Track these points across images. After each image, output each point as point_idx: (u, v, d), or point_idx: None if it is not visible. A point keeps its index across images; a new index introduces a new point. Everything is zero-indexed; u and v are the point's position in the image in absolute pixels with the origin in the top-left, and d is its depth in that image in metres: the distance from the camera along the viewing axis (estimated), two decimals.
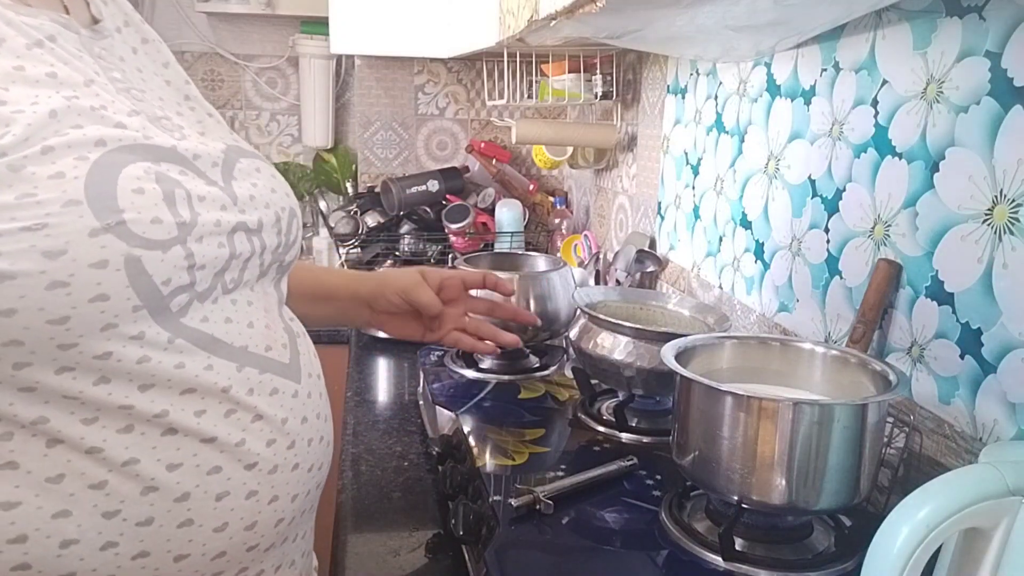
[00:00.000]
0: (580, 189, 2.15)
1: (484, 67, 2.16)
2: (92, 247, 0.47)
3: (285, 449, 0.60)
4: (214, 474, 0.56)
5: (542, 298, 1.30)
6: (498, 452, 0.98)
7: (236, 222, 0.58)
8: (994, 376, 0.76)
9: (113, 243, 0.48)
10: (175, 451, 0.54)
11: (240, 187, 0.60)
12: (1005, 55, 0.75)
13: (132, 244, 0.49)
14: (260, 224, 0.61)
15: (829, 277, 1.03)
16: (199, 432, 0.55)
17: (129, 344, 0.51)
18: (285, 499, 0.60)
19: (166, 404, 0.53)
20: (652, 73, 1.62)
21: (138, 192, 0.50)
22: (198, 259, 0.54)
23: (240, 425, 0.57)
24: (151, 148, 0.53)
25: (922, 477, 0.73)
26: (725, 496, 0.77)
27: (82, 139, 0.49)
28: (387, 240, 2.03)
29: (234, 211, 0.58)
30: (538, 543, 0.79)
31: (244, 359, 0.58)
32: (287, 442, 0.60)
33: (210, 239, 0.55)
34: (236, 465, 0.57)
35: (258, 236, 0.61)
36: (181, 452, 0.54)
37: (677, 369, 0.79)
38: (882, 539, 0.56)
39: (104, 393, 0.51)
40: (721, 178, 1.33)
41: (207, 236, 0.55)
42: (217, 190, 0.57)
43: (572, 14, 0.88)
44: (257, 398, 0.58)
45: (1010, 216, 0.74)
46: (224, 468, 0.56)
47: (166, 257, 0.51)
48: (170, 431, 0.54)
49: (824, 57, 1.04)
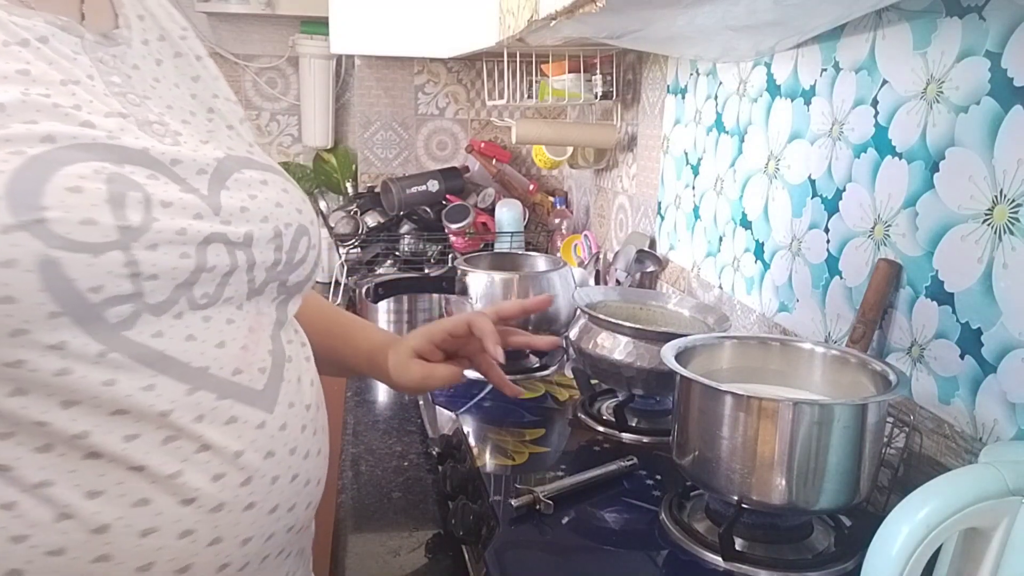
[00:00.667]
0: (580, 189, 2.15)
1: (484, 67, 2.16)
2: (1, 245, 0.44)
3: (237, 486, 0.55)
4: (140, 507, 0.51)
5: None
6: (498, 452, 0.98)
7: (211, 232, 0.54)
8: (994, 376, 0.76)
9: (26, 242, 0.45)
10: (97, 477, 0.49)
11: (230, 197, 0.57)
12: (1005, 55, 0.75)
13: (51, 245, 0.45)
14: (249, 238, 0.57)
15: (829, 277, 1.03)
16: (126, 459, 0.50)
17: (47, 354, 0.47)
18: (231, 542, 0.55)
19: (89, 424, 0.49)
20: (652, 73, 1.62)
21: (74, 191, 0.47)
22: (146, 268, 0.50)
23: (179, 455, 0.52)
24: (114, 148, 0.51)
25: (922, 477, 0.73)
26: (725, 496, 0.77)
27: (26, 134, 0.47)
28: (387, 240, 2.03)
29: (213, 221, 0.55)
30: (538, 543, 0.79)
31: (200, 381, 0.54)
32: (240, 478, 0.55)
33: (168, 248, 0.51)
34: (169, 499, 0.52)
35: (244, 250, 0.57)
36: (104, 479, 0.50)
37: (677, 369, 0.79)
38: (882, 539, 0.56)
39: (18, 406, 0.47)
40: (721, 178, 1.33)
41: (164, 244, 0.51)
42: (194, 197, 0.54)
43: (572, 14, 0.88)
44: (206, 426, 0.53)
45: (1010, 216, 0.74)
46: (153, 501, 0.51)
47: (96, 262, 0.47)
48: (92, 455, 0.49)
49: (824, 57, 1.04)
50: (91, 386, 0.49)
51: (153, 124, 0.57)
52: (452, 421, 1.09)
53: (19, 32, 0.52)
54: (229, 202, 0.57)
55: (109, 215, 0.48)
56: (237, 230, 0.56)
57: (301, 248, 0.63)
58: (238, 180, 0.59)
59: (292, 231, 0.62)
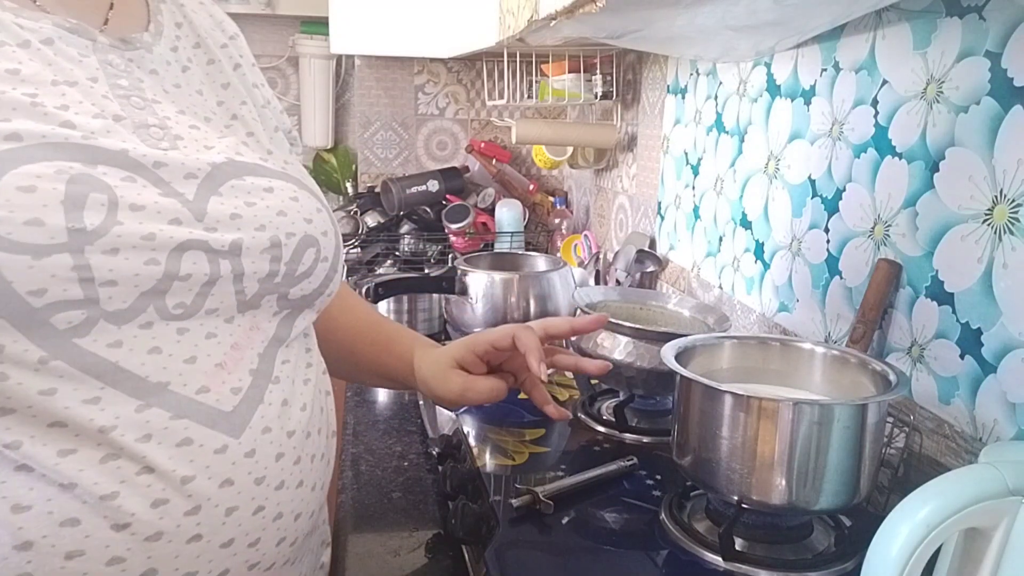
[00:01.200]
0: (580, 189, 2.15)
1: (484, 67, 2.16)
2: None
3: (181, 514, 0.50)
4: (68, 527, 0.48)
5: (542, 298, 1.30)
6: (498, 452, 0.98)
7: (187, 239, 0.51)
8: (994, 376, 0.76)
9: None
10: (26, 491, 0.47)
11: (220, 203, 0.54)
12: (1005, 55, 0.75)
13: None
14: (236, 246, 0.54)
15: (829, 277, 1.03)
16: (57, 474, 0.47)
17: None
18: (168, 574, 0.51)
19: (23, 434, 0.47)
20: (652, 73, 1.62)
21: (25, 190, 0.45)
22: (101, 272, 0.47)
23: (117, 475, 0.49)
24: (88, 148, 0.49)
25: (922, 477, 0.73)
26: (725, 496, 0.77)
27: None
28: (387, 240, 2.03)
29: (193, 227, 0.52)
30: (538, 543, 0.79)
31: (154, 398, 0.50)
32: (186, 506, 0.51)
33: (130, 253, 0.48)
34: (100, 522, 0.48)
35: (230, 259, 0.54)
36: (32, 493, 0.47)
37: (677, 369, 0.79)
38: (882, 539, 0.56)
39: None
40: (721, 178, 1.33)
41: (125, 249, 0.48)
42: (174, 202, 0.52)
43: (572, 14, 0.88)
44: (152, 446, 0.50)
45: (1010, 216, 0.74)
46: (83, 522, 0.48)
47: (38, 264, 0.45)
48: (24, 467, 0.47)
49: (824, 57, 1.04)
50: (27, 394, 0.47)
51: (151, 127, 0.55)
52: (452, 421, 1.09)
53: (22, 34, 0.52)
54: (218, 208, 0.54)
55: (59, 216, 0.46)
56: (222, 237, 0.53)
57: (306, 260, 0.59)
58: (235, 187, 0.56)
59: (295, 241, 0.58)
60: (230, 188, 0.56)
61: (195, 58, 0.65)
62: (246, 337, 0.56)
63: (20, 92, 0.49)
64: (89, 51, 0.55)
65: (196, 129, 0.58)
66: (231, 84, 0.66)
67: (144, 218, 0.50)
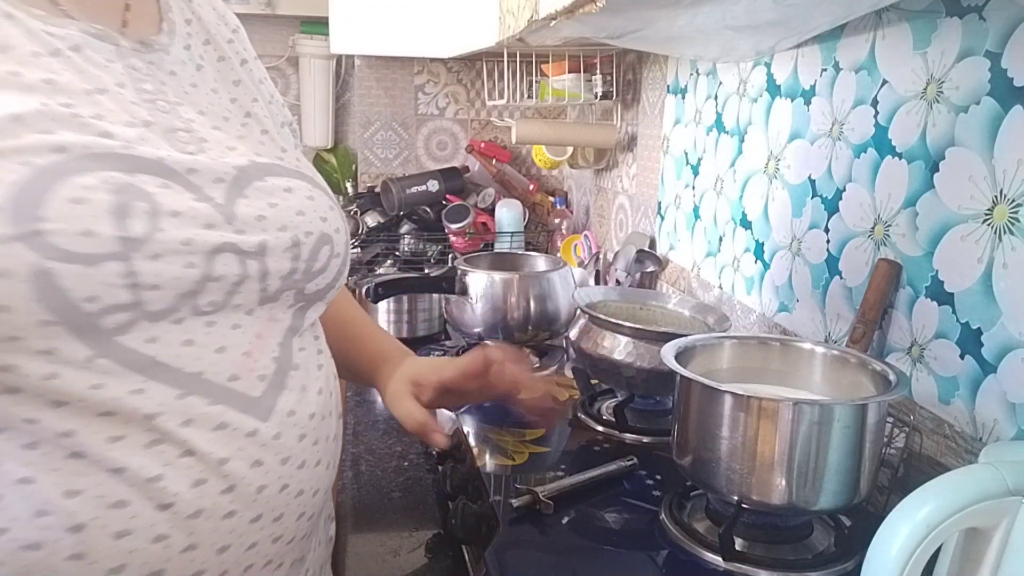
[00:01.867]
0: (580, 189, 2.15)
1: (484, 67, 2.16)
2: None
3: (218, 494, 0.54)
4: (117, 508, 0.51)
5: (542, 298, 1.30)
6: (498, 452, 0.98)
7: (221, 242, 0.54)
8: (994, 376, 0.76)
9: (21, 253, 0.46)
10: (78, 477, 0.50)
11: (247, 206, 0.57)
12: (1005, 55, 0.75)
13: (45, 256, 0.46)
14: (263, 247, 0.57)
15: (829, 277, 1.03)
16: (108, 460, 0.51)
17: (36, 358, 0.48)
18: (207, 549, 0.54)
19: (76, 424, 0.50)
20: (652, 73, 1.62)
21: (76, 202, 0.48)
22: (146, 278, 0.50)
23: (162, 459, 0.52)
24: (128, 158, 0.51)
25: (922, 477, 0.73)
26: (725, 496, 0.77)
27: (37, 144, 0.48)
28: (387, 240, 2.03)
29: (225, 230, 0.55)
30: (538, 543, 0.79)
31: (192, 386, 0.54)
32: (222, 486, 0.55)
33: (171, 258, 0.51)
34: (146, 503, 0.52)
35: (258, 259, 0.57)
36: (85, 479, 0.50)
37: (677, 369, 0.79)
38: (882, 539, 0.56)
39: (10, 403, 0.49)
40: (721, 178, 1.33)
41: (167, 254, 0.51)
42: (207, 207, 0.54)
43: (572, 14, 0.88)
44: (193, 431, 0.53)
45: (1010, 216, 0.74)
46: (131, 503, 0.51)
47: (91, 272, 0.48)
48: (76, 454, 0.50)
49: (824, 57, 1.04)
50: (78, 389, 0.49)
51: (178, 132, 0.57)
52: (452, 421, 1.09)
53: (52, 42, 0.52)
54: (245, 211, 0.57)
55: (110, 226, 0.49)
56: (250, 239, 0.56)
57: (322, 257, 0.62)
58: (259, 188, 0.59)
59: (312, 240, 0.61)
60: (255, 190, 0.58)
61: (206, 55, 0.65)
62: (267, 328, 0.59)
63: (58, 103, 0.50)
64: (114, 56, 0.56)
65: (217, 130, 0.60)
66: (241, 81, 0.68)
67: (182, 224, 0.52)
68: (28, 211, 0.46)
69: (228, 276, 0.55)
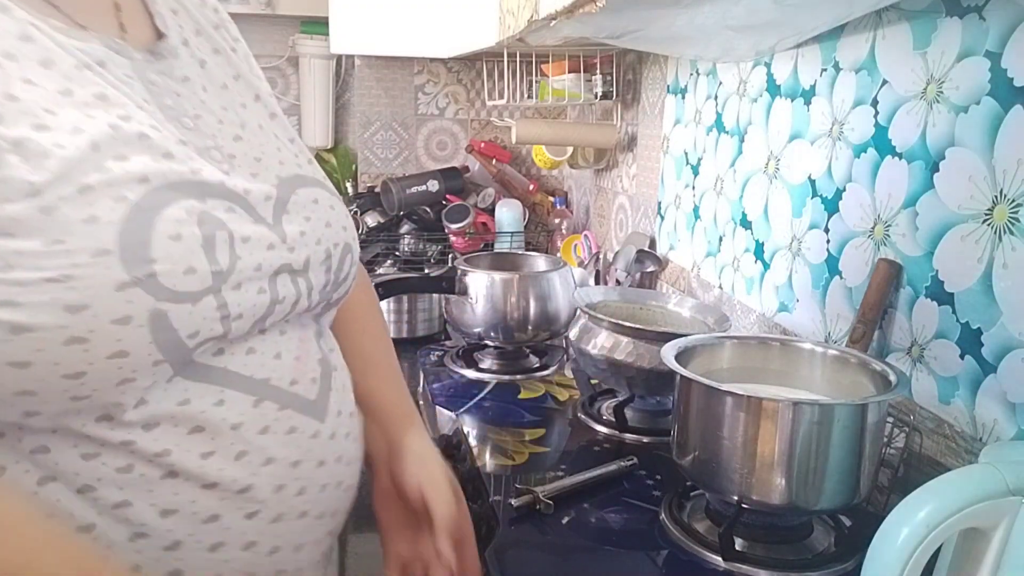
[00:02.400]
0: (580, 189, 2.15)
1: (484, 67, 2.15)
2: (117, 302, 0.45)
3: (293, 495, 0.56)
4: (211, 523, 0.52)
5: (542, 298, 1.30)
6: (498, 452, 0.98)
7: (280, 264, 0.55)
8: (994, 376, 0.76)
9: (139, 298, 0.46)
10: (172, 496, 0.51)
11: (291, 223, 0.57)
12: (1005, 55, 0.75)
13: (160, 298, 0.46)
14: (307, 263, 0.58)
15: (829, 277, 1.03)
16: (201, 476, 0.51)
17: (138, 392, 0.49)
18: (288, 550, 0.57)
19: (170, 443, 0.50)
20: (652, 73, 1.62)
21: (175, 239, 0.47)
22: (233, 309, 0.51)
23: (249, 469, 0.53)
24: (198, 184, 0.51)
25: (922, 477, 0.73)
26: (725, 496, 0.77)
27: (123, 176, 0.46)
28: (387, 240, 2.03)
29: (281, 250, 0.55)
30: (538, 543, 0.79)
31: (264, 392, 0.55)
32: (297, 488, 0.56)
33: (249, 285, 0.52)
34: (236, 514, 0.53)
35: (304, 277, 0.58)
36: (179, 498, 0.51)
37: (677, 369, 0.79)
38: (882, 539, 0.56)
39: (106, 427, 0.48)
40: (721, 178, 1.33)
41: (246, 282, 0.52)
42: (264, 229, 0.54)
43: (572, 14, 0.88)
44: (271, 438, 0.54)
45: (1010, 216, 0.74)
46: (223, 517, 0.52)
47: (195, 309, 0.48)
48: (170, 474, 0.51)
49: (824, 57, 1.04)
50: (167, 409, 0.50)
51: (211, 150, 0.56)
52: (452, 421, 1.09)
53: (80, 56, 0.50)
54: (290, 228, 0.57)
55: (204, 260, 0.49)
56: (299, 256, 0.57)
57: (346, 266, 0.63)
58: (296, 203, 0.59)
59: (339, 251, 0.62)
60: (293, 205, 0.58)
61: (202, 48, 0.62)
62: (303, 333, 0.60)
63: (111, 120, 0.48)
64: (131, 72, 0.54)
65: (240, 140, 0.59)
66: (240, 75, 0.64)
67: (253, 249, 0.53)
68: (139, 253, 0.46)
69: (288, 297, 0.56)
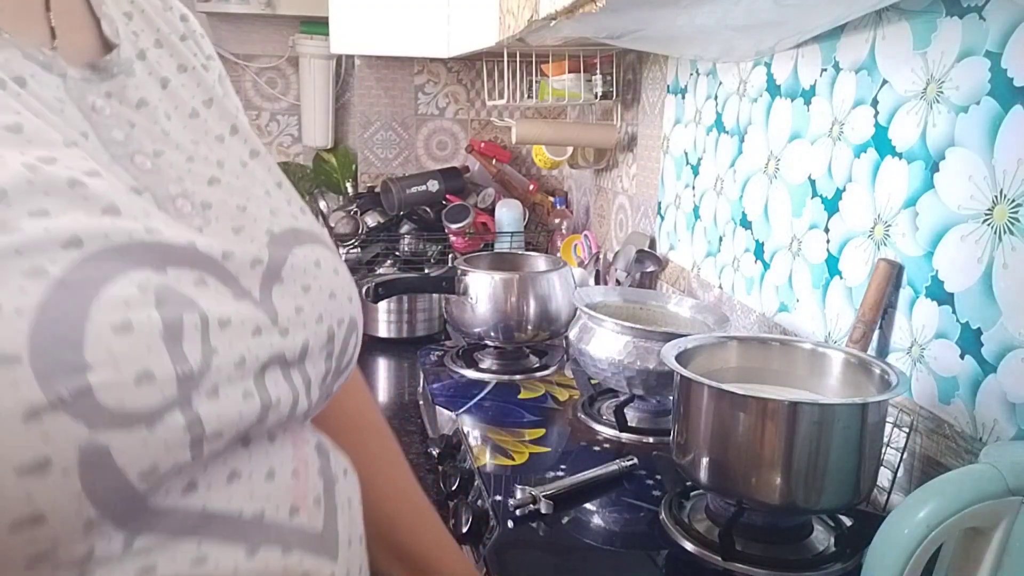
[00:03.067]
0: (580, 189, 2.15)
1: (484, 67, 2.15)
2: (27, 440, 0.29)
3: None
4: None
5: (542, 298, 1.30)
6: (498, 452, 0.98)
7: (270, 354, 0.40)
8: (994, 376, 0.76)
9: (64, 429, 0.30)
10: None
11: (284, 296, 0.43)
12: (1005, 55, 0.75)
13: (96, 425, 0.31)
14: (304, 350, 0.43)
15: (829, 277, 1.03)
16: None
17: (66, 569, 0.32)
18: None
19: None
20: (652, 73, 1.62)
21: (122, 331, 0.32)
22: (209, 425, 0.35)
23: None
24: (156, 248, 0.36)
25: (922, 477, 0.73)
26: (725, 496, 0.77)
27: (42, 239, 0.31)
28: (387, 240, 2.03)
29: (271, 335, 0.41)
30: (538, 543, 0.79)
31: (258, 534, 0.40)
32: None
33: (228, 390, 0.37)
34: None
35: (299, 369, 0.43)
36: None
37: (677, 369, 0.79)
38: (882, 539, 0.56)
39: None
40: (721, 178, 1.33)
41: (223, 385, 0.36)
42: (249, 306, 0.40)
43: (572, 14, 0.88)
44: None
45: (1010, 216, 0.74)
46: None
47: (153, 436, 0.33)
48: None
49: (824, 57, 1.04)
50: None
51: (177, 199, 0.41)
52: (452, 421, 1.09)
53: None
54: (283, 303, 0.42)
55: (166, 359, 0.33)
56: (293, 342, 0.42)
57: (350, 348, 0.49)
58: (292, 267, 0.44)
59: (344, 330, 0.47)
60: (289, 271, 0.44)
61: (162, 62, 0.47)
62: (299, 434, 0.47)
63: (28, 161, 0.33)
64: (63, 93, 0.39)
65: (217, 184, 0.44)
66: (214, 100, 0.49)
67: (233, 336, 0.38)
68: (62, 357, 0.30)
69: (284, 399, 0.41)
